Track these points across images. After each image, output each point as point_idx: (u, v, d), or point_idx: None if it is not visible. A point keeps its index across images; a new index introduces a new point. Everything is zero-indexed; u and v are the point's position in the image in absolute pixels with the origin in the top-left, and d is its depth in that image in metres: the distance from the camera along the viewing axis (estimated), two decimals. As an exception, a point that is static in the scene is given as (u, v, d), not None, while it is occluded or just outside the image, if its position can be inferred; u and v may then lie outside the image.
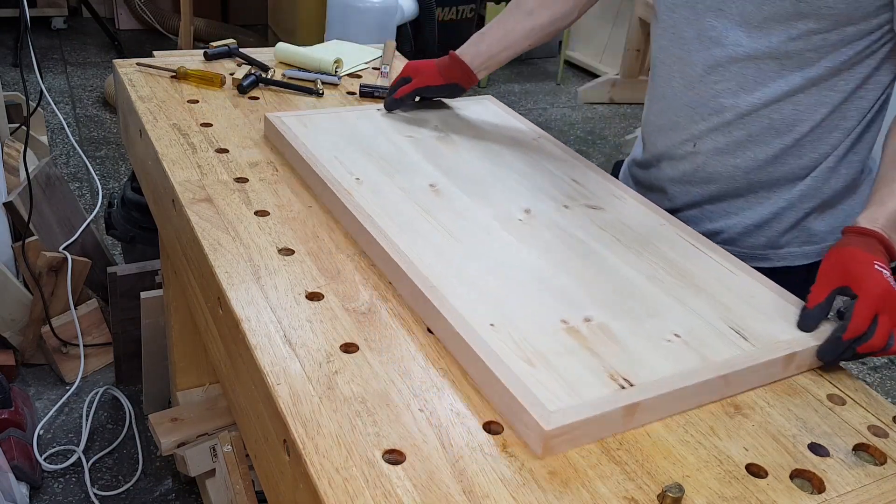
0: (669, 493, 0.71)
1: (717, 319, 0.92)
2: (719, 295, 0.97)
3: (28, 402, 1.94)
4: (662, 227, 1.11)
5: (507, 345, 0.83)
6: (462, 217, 1.07)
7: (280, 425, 0.77)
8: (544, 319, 0.89)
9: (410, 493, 0.69)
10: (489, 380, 0.80)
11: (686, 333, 0.89)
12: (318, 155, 1.18)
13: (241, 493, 1.49)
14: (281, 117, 1.30)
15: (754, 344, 0.89)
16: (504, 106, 1.48)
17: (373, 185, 1.12)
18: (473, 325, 0.85)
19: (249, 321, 0.88)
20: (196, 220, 1.06)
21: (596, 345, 0.86)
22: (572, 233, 1.07)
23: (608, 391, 0.79)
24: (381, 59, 1.70)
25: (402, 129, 1.32)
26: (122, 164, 3.14)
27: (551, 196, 1.16)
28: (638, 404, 0.78)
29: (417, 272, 0.93)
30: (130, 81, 1.47)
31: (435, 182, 1.16)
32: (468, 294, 0.91)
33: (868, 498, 0.75)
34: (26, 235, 2.00)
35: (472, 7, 3.69)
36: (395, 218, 1.05)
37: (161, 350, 1.87)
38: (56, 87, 3.70)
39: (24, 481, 1.73)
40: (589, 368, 0.82)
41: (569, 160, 1.29)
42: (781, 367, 0.88)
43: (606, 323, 0.89)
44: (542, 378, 0.79)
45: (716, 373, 0.83)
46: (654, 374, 0.82)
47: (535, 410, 0.75)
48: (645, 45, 4.23)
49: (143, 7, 4.32)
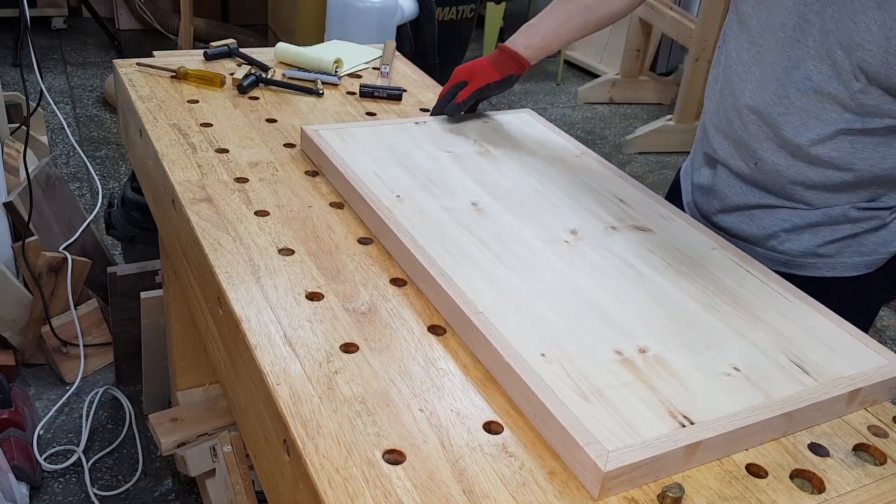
0: (669, 493, 0.71)
1: (777, 352, 0.88)
2: (778, 325, 0.93)
3: (28, 402, 1.94)
4: (714, 251, 1.07)
5: (559, 377, 0.80)
6: (507, 237, 1.04)
7: (280, 425, 0.77)
8: (597, 349, 0.85)
9: (410, 493, 0.69)
10: (542, 414, 0.77)
11: (746, 367, 0.85)
12: (357, 171, 1.15)
13: (241, 493, 1.49)
14: (318, 130, 1.26)
15: (817, 379, 0.85)
16: (543, 119, 1.43)
17: (414, 203, 1.09)
18: (524, 356, 0.82)
19: (249, 321, 0.88)
20: (196, 220, 1.06)
21: (652, 378, 0.82)
22: (622, 256, 1.03)
23: (668, 429, 0.75)
24: (381, 59, 1.70)
25: (441, 144, 1.28)
26: (122, 164, 3.14)
27: (598, 216, 1.12)
28: (700, 444, 0.75)
29: (463, 296, 0.90)
30: (130, 81, 1.47)
31: (477, 200, 1.12)
32: (517, 321, 0.87)
33: (868, 498, 0.75)
34: (26, 235, 2.00)
35: (472, 7, 3.69)
36: (438, 238, 1.01)
37: (161, 350, 1.87)
38: (56, 87, 3.70)
39: (24, 481, 1.73)
40: (646, 403, 0.78)
41: (613, 178, 1.24)
42: (845, 404, 0.85)
43: (662, 354, 0.86)
44: (599, 414, 0.76)
45: (779, 410, 0.79)
46: (714, 411, 0.78)
47: (591, 450, 0.71)
48: (645, 45, 4.24)
49: (143, 7, 4.32)
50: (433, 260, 0.96)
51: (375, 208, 1.06)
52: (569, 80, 4.65)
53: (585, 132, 3.99)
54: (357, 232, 1.08)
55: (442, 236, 1.02)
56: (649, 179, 3.59)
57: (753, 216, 1.18)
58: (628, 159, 3.75)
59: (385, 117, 1.44)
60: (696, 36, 3.67)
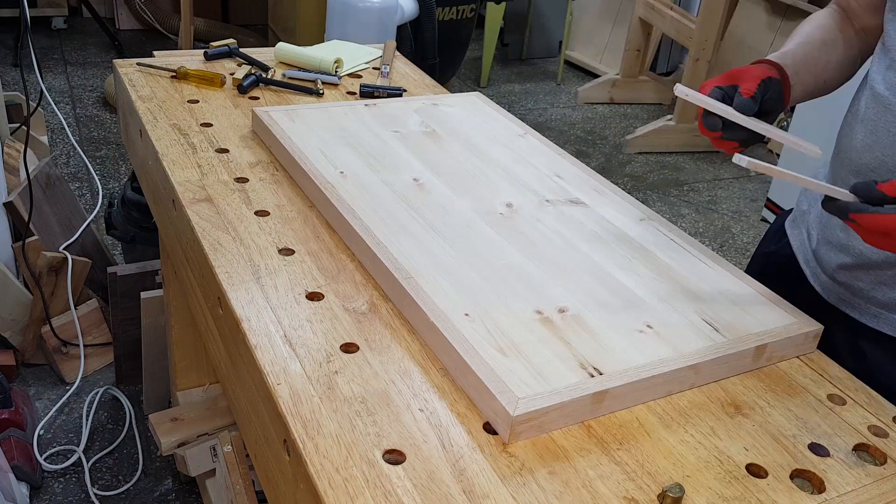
0: (669, 493, 0.71)
1: (692, 312, 0.94)
2: (695, 288, 0.99)
3: (28, 402, 1.94)
4: (642, 221, 1.13)
5: (480, 334, 0.85)
6: (444, 211, 1.08)
7: (280, 425, 0.77)
8: (519, 310, 0.90)
9: (410, 493, 0.69)
10: (461, 368, 0.82)
11: (659, 325, 0.91)
12: (303, 148, 1.20)
13: (241, 493, 1.49)
14: (269, 111, 1.30)
15: (726, 336, 0.90)
16: (491, 102, 1.49)
17: (357, 179, 1.13)
18: (449, 315, 0.87)
19: (249, 321, 0.88)
20: (196, 220, 1.06)
21: (568, 334, 0.87)
22: (553, 227, 1.08)
23: (577, 379, 0.80)
24: (381, 59, 1.70)
25: (389, 125, 1.33)
26: (122, 164, 3.14)
27: (534, 191, 1.17)
28: (606, 392, 0.80)
29: (396, 263, 0.95)
30: (130, 81, 1.47)
31: (419, 176, 1.17)
32: (445, 285, 0.92)
33: (868, 498, 0.75)
34: (26, 235, 2.00)
35: (473, 7, 3.69)
36: (377, 211, 1.06)
37: (161, 350, 1.87)
38: (56, 87, 3.70)
39: (25, 481, 1.73)
40: (560, 357, 0.83)
41: (553, 156, 1.30)
42: (752, 359, 0.90)
43: (580, 314, 0.91)
44: (513, 367, 0.81)
45: (685, 363, 0.85)
46: (624, 364, 0.83)
47: (503, 397, 0.76)
48: (645, 45, 4.24)
49: (143, 7, 4.32)
50: (370, 230, 1.01)
51: (318, 183, 1.10)
52: (569, 80, 4.65)
53: (585, 132, 3.99)
54: (357, 232, 1.08)
55: (381, 209, 1.06)
56: (649, 179, 3.59)
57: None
58: (628, 159, 3.75)
59: (385, 117, 1.44)
60: (696, 36, 3.67)
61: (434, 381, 0.83)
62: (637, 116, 4.24)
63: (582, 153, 3.67)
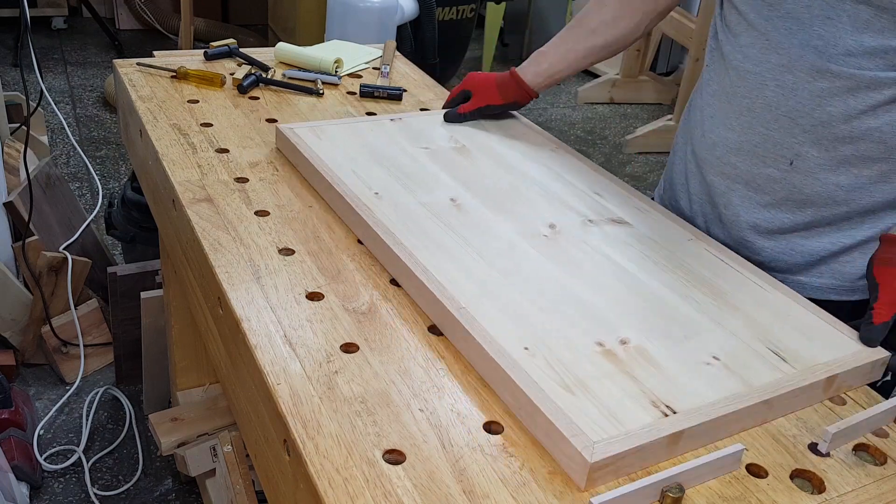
0: (669, 493, 0.71)
1: (755, 340, 0.90)
2: (754, 313, 0.94)
3: (28, 402, 1.94)
4: (690, 242, 1.08)
5: (543, 370, 0.80)
6: (486, 234, 1.04)
7: (280, 425, 0.77)
8: (579, 342, 0.86)
9: (410, 493, 0.69)
10: (528, 409, 0.77)
11: (725, 356, 0.86)
12: (334, 168, 1.15)
13: (241, 493, 1.49)
14: (293, 128, 1.26)
15: (794, 366, 0.86)
16: (519, 115, 1.44)
17: (393, 200, 1.09)
18: (508, 350, 0.82)
19: (249, 321, 0.88)
20: (196, 220, 1.06)
21: (634, 368, 0.83)
22: (599, 249, 1.04)
23: (651, 419, 0.76)
24: (381, 59, 1.70)
25: (417, 140, 1.28)
26: (123, 164, 3.14)
27: (575, 210, 1.13)
28: (683, 433, 0.75)
29: (445, 291, 0.90)
30: (130, 81, 1.47)
31: (455, 196, 1.12)
32: (499, 315, 0.88)
33: (868, 498, 0.75)
34: (26, 235, 2.00)
35: (473, 7, 3.69)
36: (417, 234, 1.01)
37: (161, 350, 1.88)
38: (56, 87, 3.70)
39: (25, 481, 1.73)
40: (629, 394, 0.79)
41: (589, 172, 1.25)
42: (822, 391, 0.86)
43: (643, 345, 0.86)
44: (583, 406, 0.76)
45: (759, 398, 0.80)
46: (696, 400, 0.79)
47: (577, 441, 0.72)
48: (645, 45, 4.23)
49: (144, 7, 4.32)
50: (414, 256, 0.96)
51: (354, 206, 1.06)
52: (569, 80, 4.64)
53: (585, 132, 3.99)
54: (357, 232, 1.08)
55: (421, 232, 1.03)
56: (649, 179, 3.59)
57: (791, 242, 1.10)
58: (628, 159, 3.75)
59: (385, 117, 1.44)
60: (696, 36, 3.67)
61: (434, 381, 0.83)
62: (637, 116, 4.24)
63: (582, 153, 3.64)
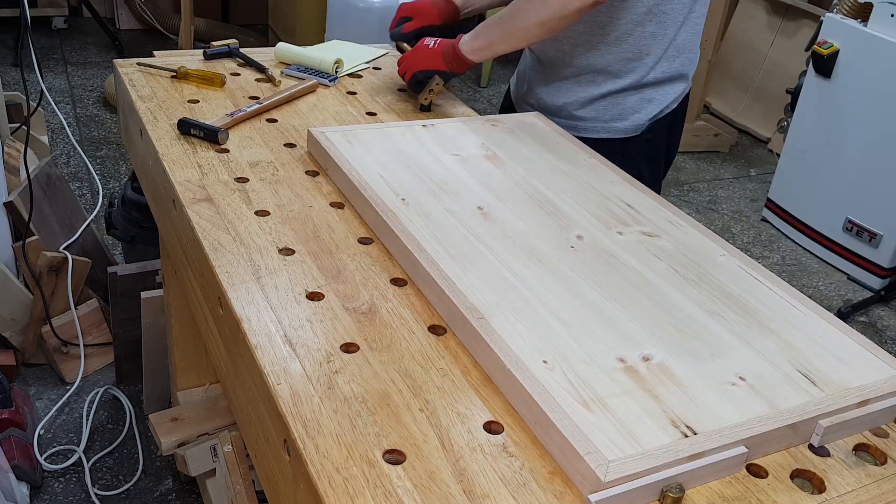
0: (669, 493, 0.71)
1: (784, 362, 0.87)
2: (785, 334, 0.92)
3: (28, 401, 1.94)
4: (722, 257, 1.05)
5: (561, 384, 0.79)
6: (512, 243, 1.03)
7: (280, 425, 0.77)
8: (600, 357, 0.84)
9: (410, 492, 0.69)
10: (543, 423, 0.76)
11: (752, 376, 0.84)
12: (363, 173, 1.15)
13: (241, 493, 1.49)
14: (325, 132, 1.26)
15: (823, 389, 0.83)
16: (551, 123, 1.42)
17: (419, 207, 1.08)
18: (525, 362, 0.81)
19: (250, 321, 0.88)
20: (196, 220, 1.06)
21: (655, 386, 0.81)
22: (627, 262, 1.02)
23: (670, 439, 0.74)
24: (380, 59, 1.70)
25: (448, 147, 1.27)
26: (123, 163, 3.14)
27: (604, 221, 1.11)
28: (702, 454, 0.74)
29: (465, 300, 0.90)
30: (131, 81, 1.47)
31: (483, 204, 1.12)
32: (519, 326, 0.87)
33: (868, 498, 0.75)
34: (27, 235, 2.00)
35: (473, 7, 3.69)
36: (442, 241, 1.01)
37: (161, 350, 1.88)
38: (56, 87, 3.70)
39: (25, 481, 1.73)
40: (649, 413, 0.77)
41: (621, 182, 1.24)
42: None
43: (666, 362, 0.85)
44: (600, 423, 0.75)
45: (784, 422, 0.78)
46: (718, 422, 0.77)
47: (591, 459, 0.71)
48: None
49: (144, 7, 4.32)
50: (436, 264, 0.95)
51: (380, 211, 1.05)
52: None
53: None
54: (357, 231, 1.08)
55: (445, 239, 1.01)
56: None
57: (549, 89, 1.49)
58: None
59: (385, 118, 1.44)
60: None
61: (434, 381, 0.83)
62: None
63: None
